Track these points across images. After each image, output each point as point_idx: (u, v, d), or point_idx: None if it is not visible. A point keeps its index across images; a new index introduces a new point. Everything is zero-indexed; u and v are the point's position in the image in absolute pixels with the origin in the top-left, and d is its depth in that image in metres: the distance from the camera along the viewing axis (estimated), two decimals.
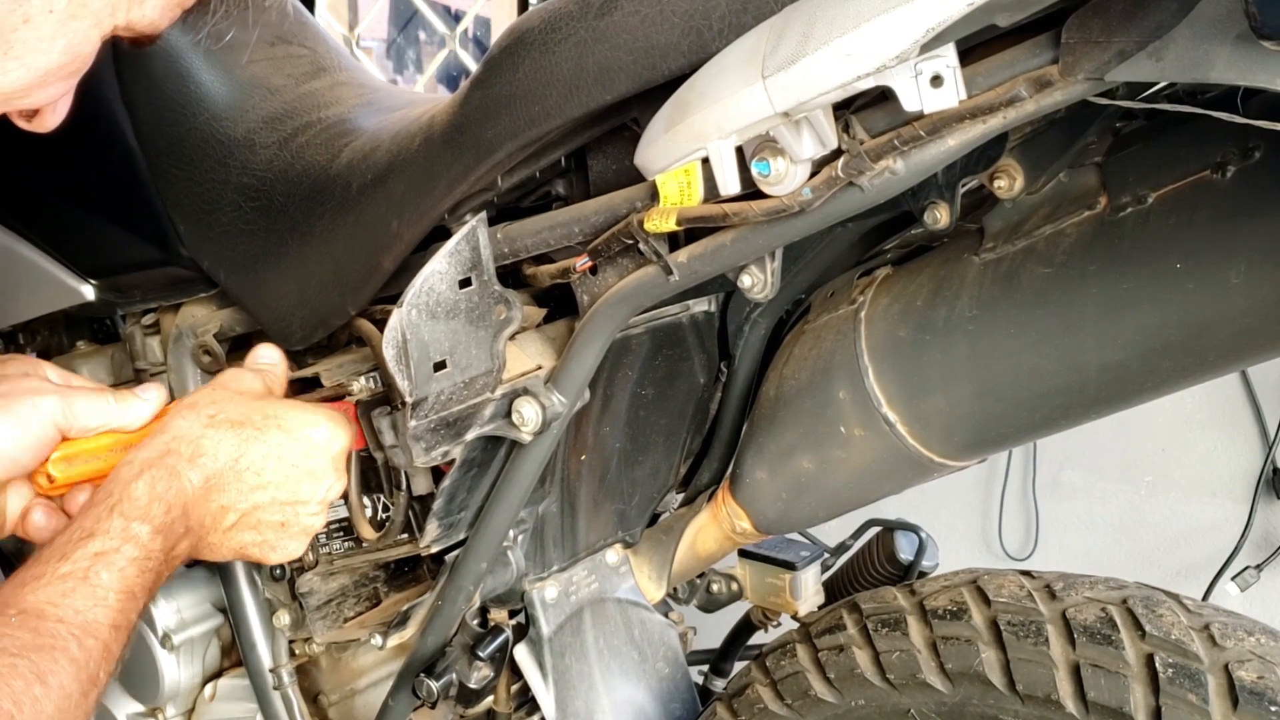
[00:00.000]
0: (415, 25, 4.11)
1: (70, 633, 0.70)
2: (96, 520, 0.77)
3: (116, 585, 0.74)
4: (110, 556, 0.75)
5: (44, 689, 0.67)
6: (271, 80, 1.11)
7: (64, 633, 0.70)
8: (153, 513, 0.78)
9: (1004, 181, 0.83)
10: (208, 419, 0.84)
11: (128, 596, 0.75)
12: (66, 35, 0.68)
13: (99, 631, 0.72)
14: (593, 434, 1.04)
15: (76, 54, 0.70)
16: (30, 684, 0.66)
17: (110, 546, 0.75)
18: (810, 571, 1.19)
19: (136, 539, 0.76)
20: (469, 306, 0.86)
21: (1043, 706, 0.82)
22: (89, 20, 0.69)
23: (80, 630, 0.71)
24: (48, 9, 0.66)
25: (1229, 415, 1.92)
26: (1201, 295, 0.75)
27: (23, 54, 0.67)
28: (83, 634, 0.71)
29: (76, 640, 0.70)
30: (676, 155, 0.76)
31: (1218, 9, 0.57)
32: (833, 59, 0.63)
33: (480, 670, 1.02)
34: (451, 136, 0.89)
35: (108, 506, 0.78)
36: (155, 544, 0.77)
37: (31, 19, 0.66)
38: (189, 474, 0.81)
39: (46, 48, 0.68)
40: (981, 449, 0.94)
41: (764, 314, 1.07)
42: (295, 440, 0.86)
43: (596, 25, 0.78)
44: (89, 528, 0.76)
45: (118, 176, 1.10)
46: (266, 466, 0.84)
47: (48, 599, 0.71)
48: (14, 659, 0.66)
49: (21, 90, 0.70)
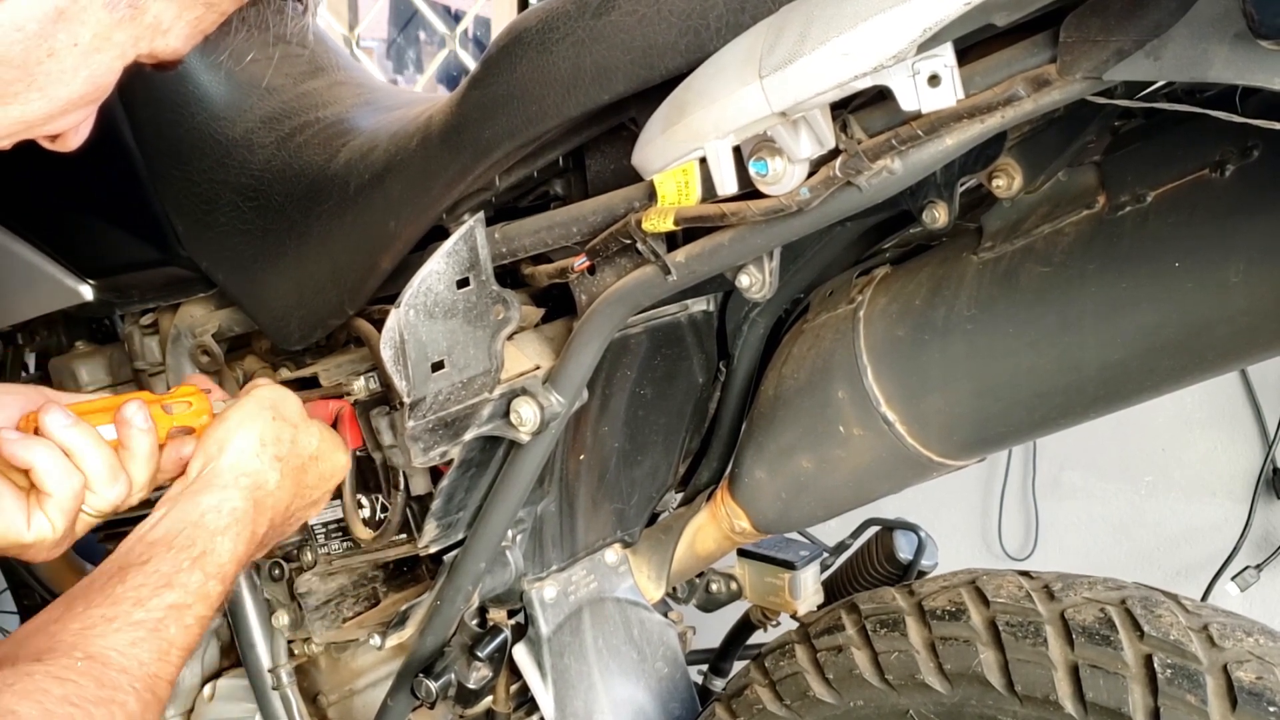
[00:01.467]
0: (415, 25, 4.11)
1: (132, 685, 0.69)
2: (176, 569, 0.76)
3: (181, 641, 0.74)
4: (182, 612, 0.74)
5: None
6: (270, 80, 1.11)
7: (126, 685, 0.69)
8: (228, 573, 0.78)
9: (1002, 181, 0.83)
10: (277, 461, 0.84)
11: (185, 653, 0.74)
12: (90, 67, 0.68)
13: (158, 688, 0.71)
14: (591, 434, 1.04)
15: (98, 84, 0.70)
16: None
17: (185, 602, 0.75)
18: (809, 571, 1.19)
19: (208, 598, 0.76)
20: (467, 306, 0.86)
21: (1041, 707, 0.82)
22: (113, 53, 0.69)
23: (142, 684, 0.70)
24: (72, 42, 0.66)
25: (1229, 415, 1.92)
26: (1200, 294, 0.75)
27: (45, 85, 0.67)
28: (143, 688, 0.70)
29: (136, 694, 0.69)
30: (674, 155, 0.76)
31: (1215, 8, 0.57)
32: (830, 59, 0.63)
33: (479, 670, 1.02)
34: (449, 136, 0.89)
35: (190, 557, 0.76)
36: (219, 602, 0.78)
37: (56, 53, 0.66)
38: (261, 529, 0.83)
39: (69, 79, 0.68)
40: (980, 448, 0.94)
41: (763, 313, 1.07)
42: (323, 477, 0.90)
43: (594, 25, 0.78)
44: (167, 575, 0.75)
45: (116, 176, 1.10)
46: (301, 504, 0.88)
47: (115, 646, 0.70)
48: (73, 709, 0.65)
49: (42, 119, 0.70)
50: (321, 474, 0.90)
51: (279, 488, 0.84)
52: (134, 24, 0.69)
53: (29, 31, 0.64)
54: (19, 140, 0.72)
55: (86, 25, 0.66)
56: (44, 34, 0.65)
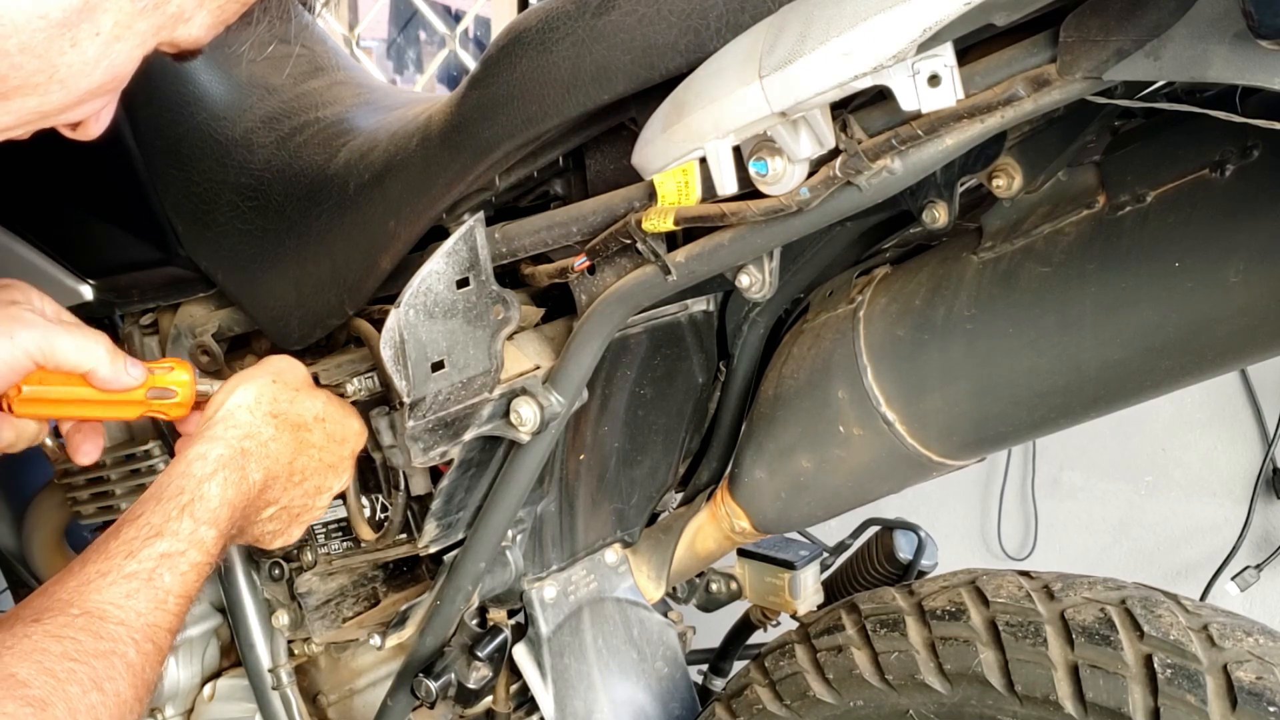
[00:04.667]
0: (415, 25, 4.11)
1: (131, 636, 0.70)
2: (166, 519, 0.76)
3: (178, 589, 0.74)
4: (175, 559, 0.75)
5: (100, 696, 0.66)
6: (269, 80, 1.11)
7: (124, 636, 0.70)
8: (220, 517, 0.79)
9: (1002, 180, 0.83)
10: (272, 418, 0.85)
11: (185, 600, 0.75)
12: (110, 57, 0.67)
13: (158, 636, 0.72)
14: (591, 434, 1.04)
15: (117, 75, 0.69)
16: (87, 691, 0.66)
17: (177, 549, 0.75)
18: (809, 571, 1.19)
19: (202, 544, 0.77)
20: (467, 306, 0.86)
21: (1041, 707, 0.82)
22: (133, 42, 0.68)
23: (140, 635, 0.71)
24: (94, 32, 0.65)
25: (1229, 415, 1.92)
26: (1200, 294, 0.75)
27: (66, 77, 0.66)
28: (142, 638, 0.71)
29: (135, 645, 0.70)
30: (674, 155, 0.76)
31: (1215, 8, 0.57)
32: (830, 58, 0.63)
33: (479, 670, 1.02)
34: (449, 136, 0.89)
35: (179, 505, 0.77)
36: (216, 548, 0.78)
37: (79, 43, 0.65)
38: (254, 476, 0.83)
39: (90, 70, 0.67)
40: (980, 448, 0.94)
41: (762, 313, 1.07)
42: (334, 439, 0.89)
43: (594, 24, 0.78)
44: (158, 525, 0.76)
45: (115, 176, 1.09)
46: (310, 464, 0.87)
47: (111, 599, 0.71)
48: (73, 664, 0.66)
49: (58, 109, 0.69)
50: (331, 434, 0.89)
51: (274, 440, 0.84)
52: (156, 12, 0.68)
53: (53, 20, 0.62)
54: (36, 130, 0.71)
55: (109, 13, 0.65)
56: (68, 23, 0.63)
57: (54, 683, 0.64)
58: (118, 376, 0.85)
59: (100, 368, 0.84)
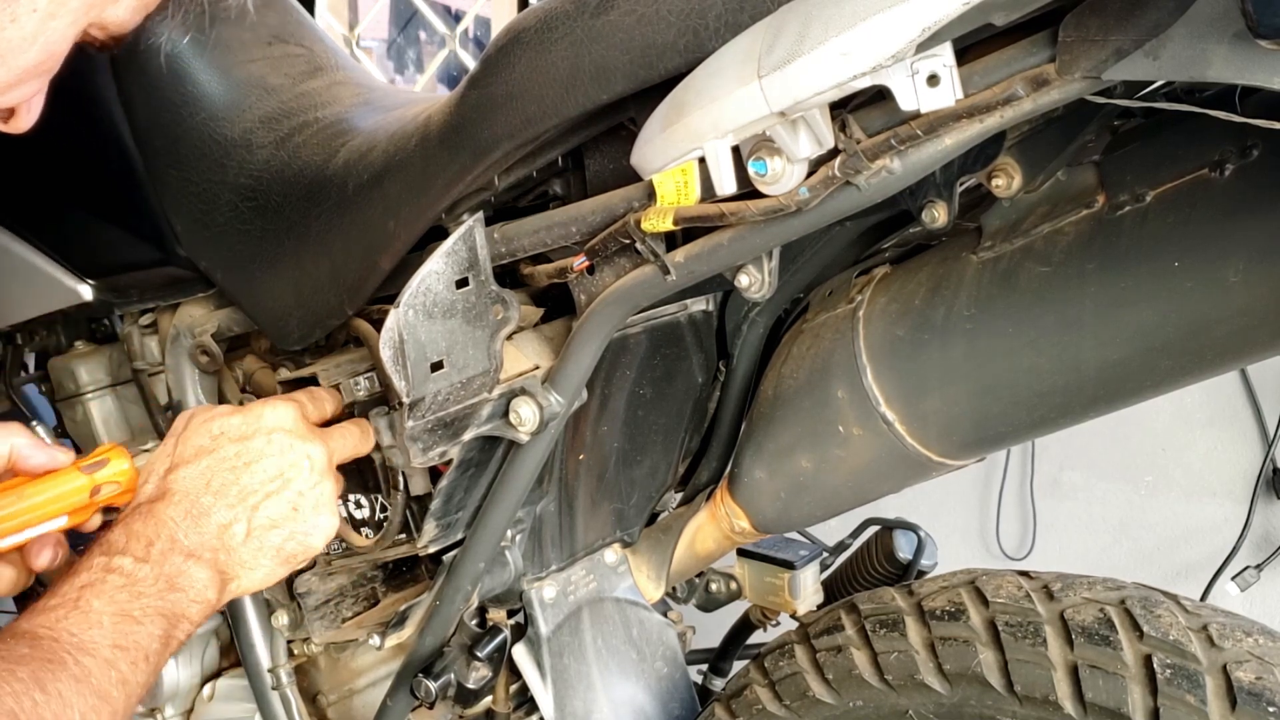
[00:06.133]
0: (415, 25, 4.11)
1: (66, 650, 0.71)
2: (80, 565, 0.78)
3: (109, 610, 0.75)
4: (96, 586, 0.76)
5: (43, 695, 0.67)
6: (268, 80, 1.11)
7: (59, 651, 0.70)
8: (131, 548, 0.79)
9: (1002, 180, 0.83)
10: (168, 467, 0.85)
11: (123, 618, 0.75)
12: (47, 34, 0.70)
13: (96, 650, 0.72)
14: (591, 433, 1.04)
15: (52, 52, 0.72)
16: (29, 688, 0.66)
17: (94, 579, 0.76)
18: (809, 570, 1.19)
19: (120, 569, 0.77)
20: (466, 306, 0.86)
21: (1041, 707, 0.82)
22: (68, 19, 0.71)
23: (75, 648, 0.71)
24: (32, 8, 0.68)
25: (1229, 415, 1.92)
26: (1200, 294, 0.75)
27: (6, 53, 0.69)
28: (78, 651, 0.71)
29: (73, 657, 0.70)
30: (673, 155, 0.76)
31: (1214, 8, 0.57)
32: (829, 58, 0.63)
33: (478, 670, 1.02)
34: (448, 136, 0.89)
35: (89, 554, 0.79)
36: (142, 572, 0.78)
37: (19, 18, 0.68)
38: (166, 511, 0.82)
39: (27, 47, 0.70)
40: (980, 448, 0.94)
41: (762, 313, 1.07)
42: (247, 440, 0.86)
43: (593, 24, 0.78)
44: (75, 571, 0.78)
45: (115, 176, 1.10)
46: (236, 474, 0.85)
47: (42, 624, 0.72)
48: (12, 666, 0.67)
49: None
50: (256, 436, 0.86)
51: (176, 478, 0.84)
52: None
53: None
54: None
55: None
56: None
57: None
58: (48, 454, 0.86)
59: (21, 447, 0.85)
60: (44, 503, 0.84)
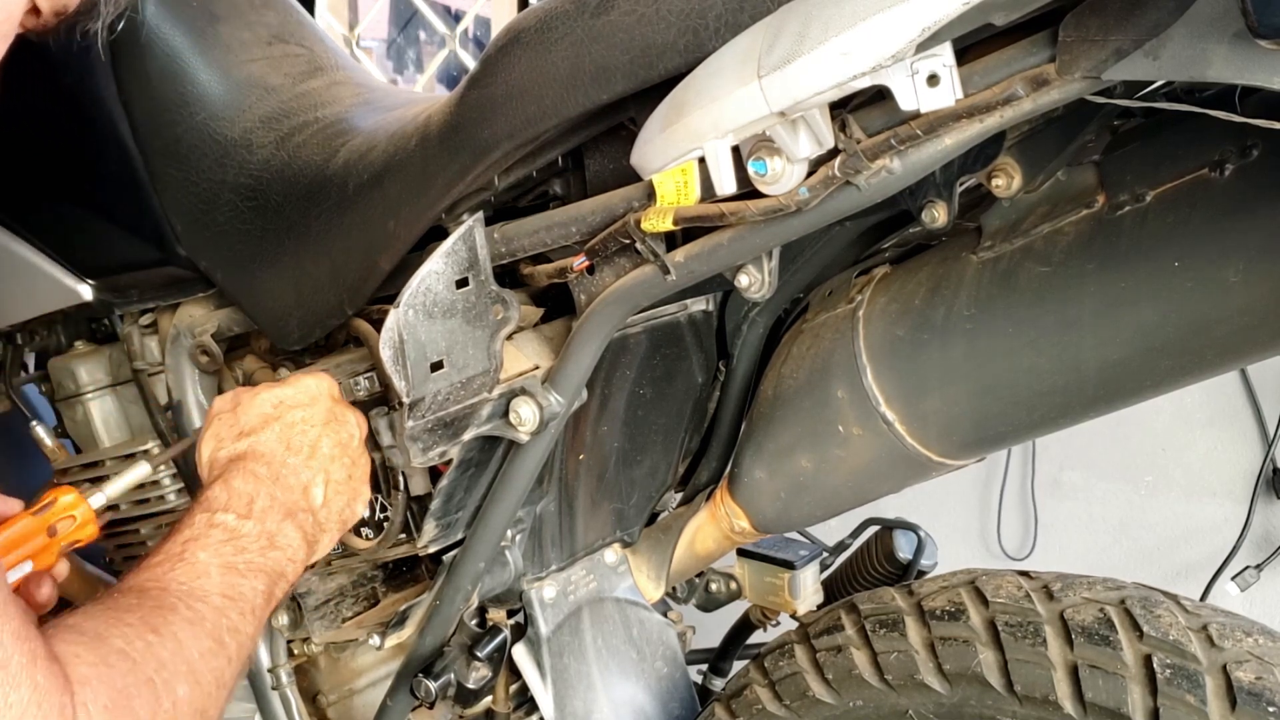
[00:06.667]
0: (415, 25, 4.11)
1: (176, 597, 0.73)
2: (182, 523, 0.80)
3: (215, 561, 0.77)
4: (201, 539, 0.78)
5: (156, 637, 0.69)
6: (269, 80, 1.11)
7: (168, 598, 0.72)
8: (234, 504, 0.81)
9: (1002, 180, 0.83)
10: (239, 434, 0.87)
11: (229, 569, 0.77)
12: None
13: (207, 597, 0.74)
14: (591, 433, 1.04)
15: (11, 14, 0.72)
16: (141, 631, 0.68)
17: (199, 533, 0.78)
18: (809, 570, 1.19)
19: (224, 525, 0.79)
20: (466, 306, 0.86)
21: (1041, 707, 0.82)
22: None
23: (186, 595, 0.73)
24: None
25: (1229, 415, 1.91)
26: (1200, 293, 0.75)
27: None
28: (189, 598, 0.73)
29: (184, 603, 0.72)
30: (673, 155, 0.76)
31: (1214, 7, 0.57)
32: (829, 58, 0.63)
33: (478, 670, 1.02)
34: (448, 136, 0.89)
35: (190, 512, 0.81)
36: (247, 527, 0.80)
37: None
38: (256, 468, 0.84)
39: None
40: (980, 448, 0.94)
41: (762, 313, 1.07)
42: (307, 406, 0.89)
43: (593, 24, 0.78)
44: (178, 528, 0.80)
45: (115, 176, 1.09)
46: (307, 437, 0.88)
47: (150, 578, 0.74)
48: (120, 614, 0.69)
49: None
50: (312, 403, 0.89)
51: (255, 440, 0.86)
52: None
53: None
54: None
55: None
56: None
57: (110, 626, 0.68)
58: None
59: None
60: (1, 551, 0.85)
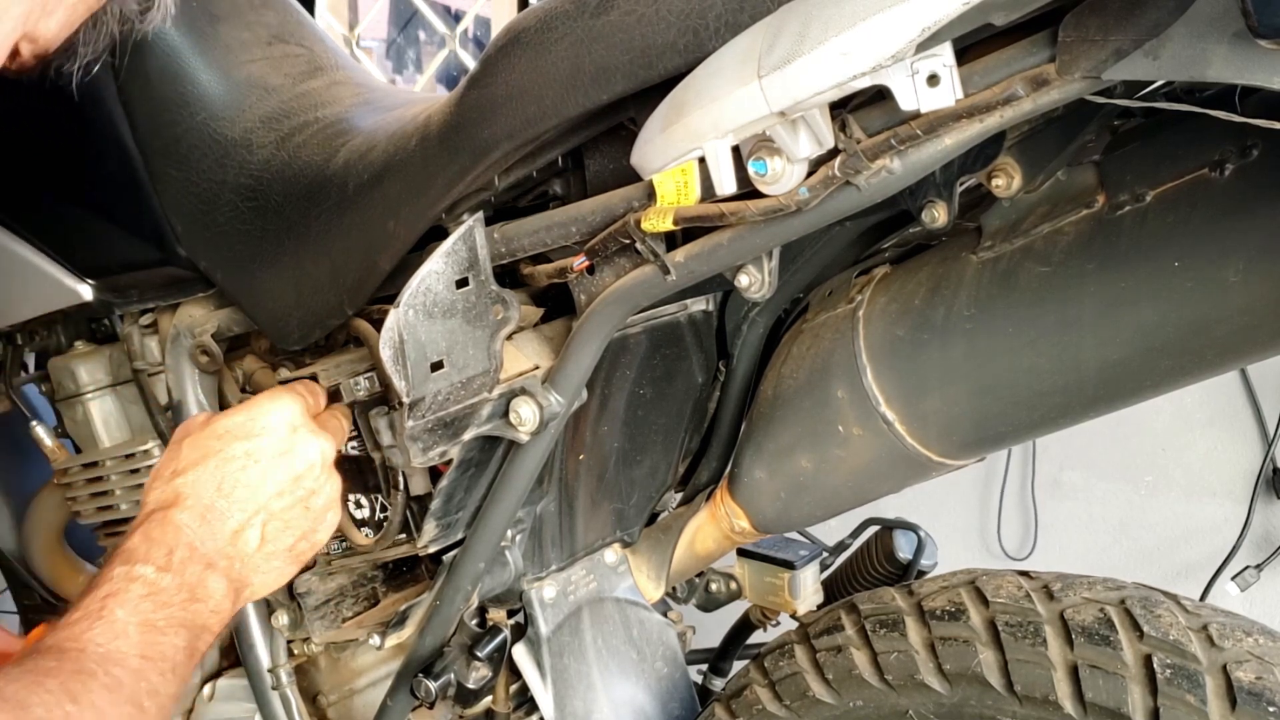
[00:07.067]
0: (415, 25, 4.11)
1: (94, 661, 0.70)
2: (103, 575, 0.77)
3: (134, 619, 0.74)
4: (120, 595, 0.75)
5: (75, 706, 0.66)
6: (269, 80, 1.11)
7: (87, 661, 0.70)
8: (152, 555, 0.78)
9: (1002, 180, 0.83)
10: (172, 474, 0.84)
11: (148, 628, 0.74)
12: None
13: (125, 660, 0.71)
14: (591, 433, 1.04)
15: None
16: (60, 700, 0.66)
17: (117, 589, 0.75)
18: (809, 570, 1.19)
19: (142, 579, 0.76)
20: (466, 306, 0.86)
21: (1041, 707, 0.82)
22: (9, 26, 0.73)
23: (103, 659, 0.70)
24: None
25: (1229, 415, 1.91)
26: (1200, 293, 0.75)
27: None
28: (107, 662, 0.70)
29: (103, 668, 0.70)
30: (673, 155, 0.76)
31: (1214, 7, 0.57)
32: (829, 58, 0.63)
33: (478, 670, 1.02)
34: (448, 136, 0.89)
35: (110, 563, 0.78)
36: (165, 580, 0.77)
37: None
38: (179, 516, 0.81)
39: None
40: (980, 448, 0.94)
41: (762, 313, 1.07)
42: (254, 437, 0.85)
43: (593, 24, 0.78)
44: (98, 580, 0.77)
45: (115, 176, 1.09)
46: (246, 474, 0.84)
47: (68, 637, 0.71)
48: (40, 678, 0.66)
49: None
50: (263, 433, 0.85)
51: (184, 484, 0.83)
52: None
53: None
54: None
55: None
56: None
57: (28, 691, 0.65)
58: None
59: None
60: None
